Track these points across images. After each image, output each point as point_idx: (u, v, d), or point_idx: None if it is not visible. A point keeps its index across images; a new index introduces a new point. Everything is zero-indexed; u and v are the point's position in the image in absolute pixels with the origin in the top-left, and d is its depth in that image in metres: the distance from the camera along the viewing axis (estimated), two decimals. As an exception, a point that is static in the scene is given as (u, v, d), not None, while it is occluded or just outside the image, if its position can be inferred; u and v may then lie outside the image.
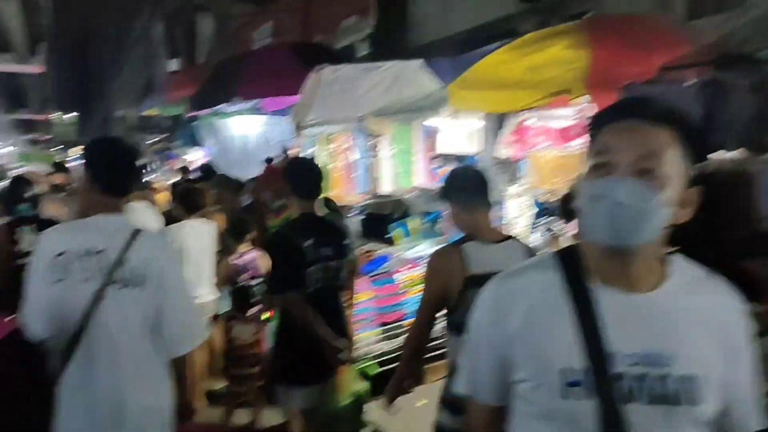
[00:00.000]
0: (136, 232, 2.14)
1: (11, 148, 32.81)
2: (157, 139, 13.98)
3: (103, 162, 2.20)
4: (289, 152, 7.90)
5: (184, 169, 9.31)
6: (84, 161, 2.26)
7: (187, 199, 4.43)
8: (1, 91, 25.32)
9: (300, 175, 3.13)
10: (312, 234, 2.96)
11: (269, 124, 8.52)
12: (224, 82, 7.11)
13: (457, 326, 2.25)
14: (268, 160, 7.46)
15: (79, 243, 2.08)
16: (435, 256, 2.49)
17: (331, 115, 5.52)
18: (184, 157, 10.94)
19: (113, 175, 2.19)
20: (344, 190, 5.72)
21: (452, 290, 2.32)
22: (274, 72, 6.85)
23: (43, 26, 26.72)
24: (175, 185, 7.96)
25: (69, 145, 18.97)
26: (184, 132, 10.16)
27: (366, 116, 5.31)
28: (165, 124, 15.17)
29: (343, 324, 3.11)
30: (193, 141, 9.94)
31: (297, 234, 2.97)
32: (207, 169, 8.10)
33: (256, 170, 8.84)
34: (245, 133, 9.42)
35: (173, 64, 14.22)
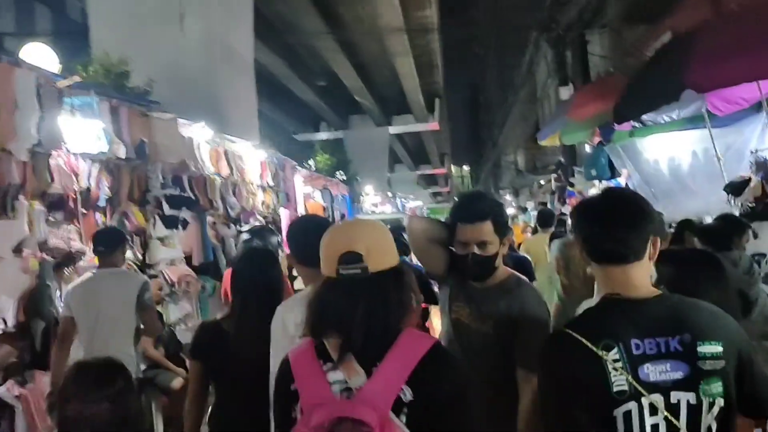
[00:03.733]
0: None
1: (419, 203, 36.47)
2: (552, 177, 12.47)
3: None
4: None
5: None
6: None
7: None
8: (406, 149, 27.98)
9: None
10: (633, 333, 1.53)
11: (718, 136, 5.90)
12: (664, 74, 4.77)
13: None
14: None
15: None
16: None
17: None
18: (588, 192, 8.98)
19: None
20: None
21: None
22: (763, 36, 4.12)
23: (437, 84, 29.00)
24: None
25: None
26: (592, 161, 8.21)
27: None
28: (555, 160, 13.63)
29: None
30: (603, 172, 7.90)
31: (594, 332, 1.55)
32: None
33: (699, 203, 6.31)
34: (675, 154, 6.95)
35: (564, 92, 12.62)
